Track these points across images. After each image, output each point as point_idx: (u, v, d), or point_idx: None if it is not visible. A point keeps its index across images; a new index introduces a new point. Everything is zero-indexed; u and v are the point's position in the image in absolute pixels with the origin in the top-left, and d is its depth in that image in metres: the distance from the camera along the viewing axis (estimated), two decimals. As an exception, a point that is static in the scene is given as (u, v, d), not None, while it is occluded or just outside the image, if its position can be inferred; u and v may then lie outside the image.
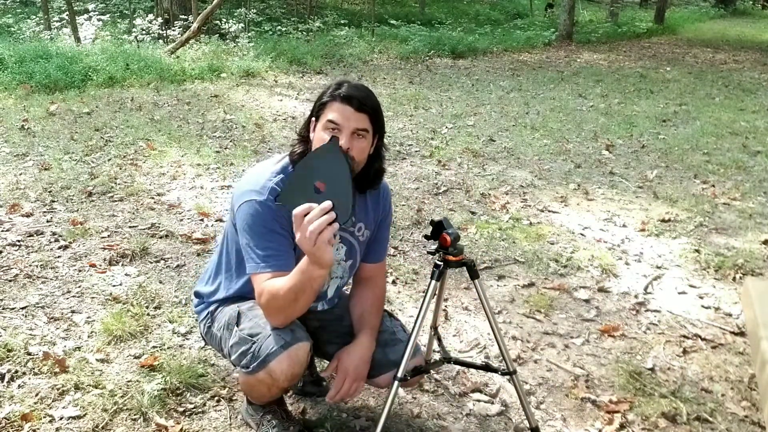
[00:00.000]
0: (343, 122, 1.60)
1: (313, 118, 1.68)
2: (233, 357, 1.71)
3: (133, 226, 3.43)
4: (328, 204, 1.43)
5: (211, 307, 1.86)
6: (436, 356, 2.10)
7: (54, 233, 3.28)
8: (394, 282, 2.91)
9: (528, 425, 1.93)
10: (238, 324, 1.72)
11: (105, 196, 3.87)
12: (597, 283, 2.98)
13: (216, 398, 2.08)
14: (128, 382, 2.12)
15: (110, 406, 2.00)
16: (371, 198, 1.84)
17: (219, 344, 1.81)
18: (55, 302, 2.63)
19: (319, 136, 1.62)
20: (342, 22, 12.81)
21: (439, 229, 1.73)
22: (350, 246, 1.82)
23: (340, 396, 1.76)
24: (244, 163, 4.57)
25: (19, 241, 3.18)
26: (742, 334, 2.59)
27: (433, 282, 1.77)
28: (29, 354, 2.24)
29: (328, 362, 1.90)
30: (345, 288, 1.97)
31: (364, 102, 1.63)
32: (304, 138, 1.71)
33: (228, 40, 9.87)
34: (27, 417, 1.93)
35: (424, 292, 1.79)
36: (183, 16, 10.19)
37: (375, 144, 1.72)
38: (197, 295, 1.94)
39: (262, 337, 1.64)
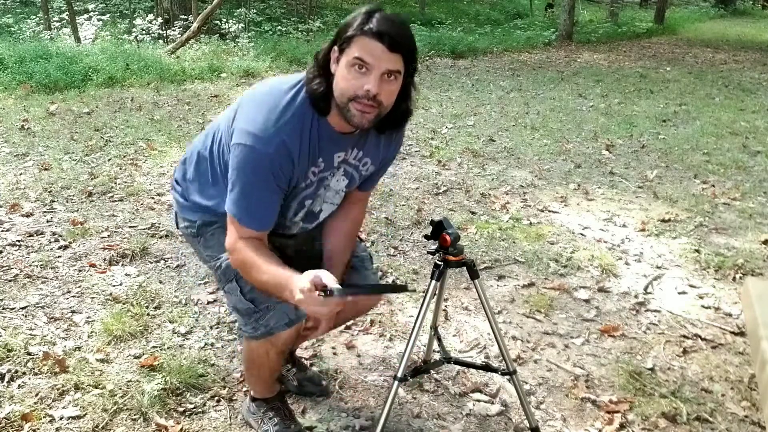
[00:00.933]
0: (373, 62, 1.40)
1: (335, 48, 1.46)
2: (234, 315, 1.74)
3: (133, 226, 3.43)
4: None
5: (197, 218, 1.75)
6: (436, 356, 2.10)
7: (54, 233, 3.28)
8: (394, 282, 2.91)
9: (528, 425, 1.93)
10: (237, 280, 1.65)
11: (105, 196, 3.87)
12: (597, 283, 2.98)
13: (216, 398, 2.08)
14: (128, 382, 2.12)
15: (110, 406, 2.00)
16: (386, 137, 1.68)
17: (202, 259, 1.81)
18: (55, 302, 2.63)
19: (343, 74, 1.43)
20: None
21: (439, 229, 1.73)
22: (351, 178, 1.70)
23: (318, 335, 1.86)
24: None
25: (19, 241, 3.18)
26: (742, 334, 2.59)
27: (433, 282, 1.77)
28: (29, 354, 2.24)
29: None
30: None
31: (399, 40, 1.40)
32: (324, 71, 1.49)
33: (228, 40, 9.87)
34: (27, 417, 1.93)
35: (424, 292, 1.79)
36: (183, 16, 10.19)
37: (404, 83, 1.52)
38: (178, 185, 1.81)
39: (268, 310, 1.63)
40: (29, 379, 2.12)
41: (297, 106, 1.49)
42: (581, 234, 3.56)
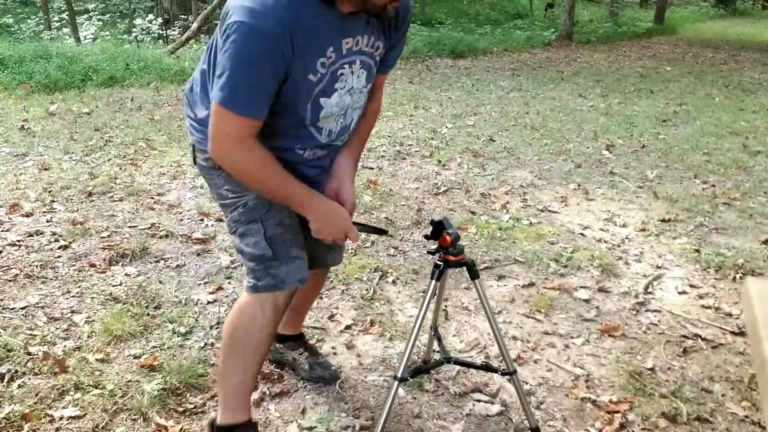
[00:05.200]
0: None
1: None
2: (243, 255, 1.60)
3: (133, 226, 3.43)
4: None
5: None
6: (436, 356, 2.10)
7: (54, 233, 3.28)
8: (394, 282, 2.91)
9: (528, 425, 1.93)
10: (262, 222, 1.56)
11: (105, 196, 3.87)
12: (597, 283, 2.98)
13: (216, 398, 2.08)
14: (128, 382, 2.12)
15: (110, 406, 2.00)
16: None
17: (219, 196, 1.63)
18: (54, 302, 2.63)
19: None
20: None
21: (439, 229, 1.73)
22: (369, 69, 1.55)
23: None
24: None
25: (18, 241, 3.18)
26: (742, 334, 2.58)
27: (433, 282, 1.77)
28: (29, 354, 2.24)
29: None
30: None
31: None
32: None
33: (228, 40, 9.87)
34: (27, 417, 1.93)
35: (424, 292, 1.79)
36: (183, 16, 10.20)
37: None
38: (191, 104, 1.62)
39: (285, 261, 1.57)
40: (29, 379, 2.12)
41: None
42: (581, 234, 3.55)
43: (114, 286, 2.78)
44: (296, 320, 2.20)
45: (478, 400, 2.13)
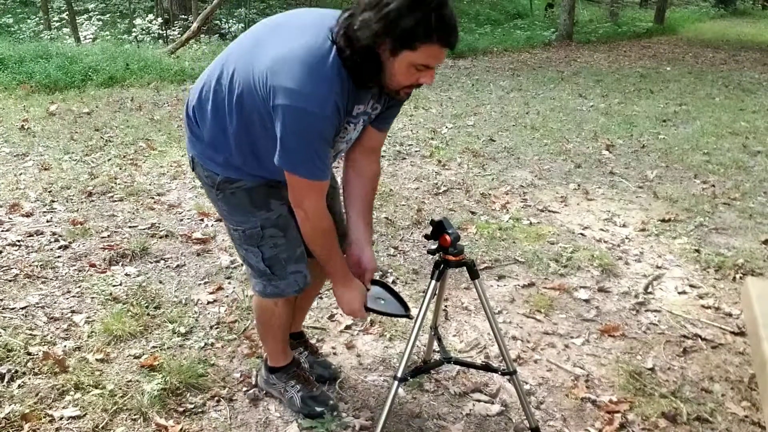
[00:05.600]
0: (436, 63, 1.46)
1: (388, 40, 1.40)
2: (251, 271, 1.82)
3: (133, 226, 3.43)
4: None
5: (219, 171, 1.69)
6: (436, 356, 2.10)
7: (54, 233, 3.28)
8: (394, 282, 2.91)
9: (528, 425, 1.93)
10: (259, 246, 1.75)
11: (105, 196, 3.87)
12: (597, 283, 2.98)
13: (216, 398, 2.08)
14: (128, 382, 2.12)
15: (110, 406, 2.00)
16: None
17: (218, 210, 1.80)
18: (55, 302, 2.63)
19: (402, 71, 1.45)
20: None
21: (439, 229, 1.73)
22: (365, 123, 1.73)
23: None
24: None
25: (19, 241, 3.18)
26: (742, 334, 2.59)
27: (433, 282, 1.77)
28: (29, 354, 2.24)
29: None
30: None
31: (458, 38, 1.45)
32: (370, 54, 1.43)
33: (228, 40, 9.87)
34: (27, 417, 1.93)
35: (424, 292, 1.79)
36: (183, 16, 10.20)
37: None
38: (194, 122, 1.70)
39: (282, 277, 1.78)
40: (29, 379, 2.12)
41: (336, 67, 1.46)
42: (581, 234, 3.55)
43: (114, 286, 2.78)
44: (297, 319, 2.20)
45: (478, 400, 2.13)
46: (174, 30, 9.75)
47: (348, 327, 2.52)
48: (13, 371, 2.14)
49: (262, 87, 1.49)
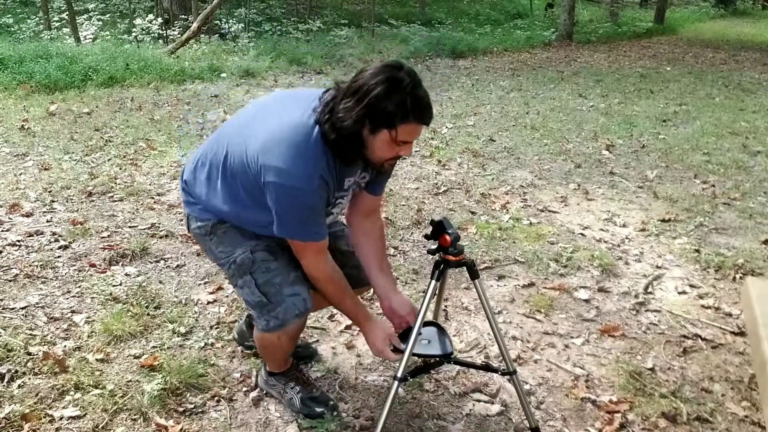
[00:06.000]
0: (414, 138, 1.62)
1: (369, 122, 1.55)
2: (247, 306, 1.85)
3: (133, 226, 3.43)
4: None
5: (211, 218, 1.83)
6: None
7: (54, 233, 3.28)
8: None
9: (528, 425, 1.93)
10: (252, 273, 1.79)
11: (105, 196, 3.87)
12: (597, 283, 2.98)
13: (216, 398, 2.08)
14: (128, 382, 2.12)
15: (110, 406, 2.00)
16: None
17: (214, 257, 1.88)
18: (55, 302, 2.63)
19: (383, 146, 1.59)
20: (342, 21, 12.81)
21: (439, 229, 1.73)
22: (355, 191, 1.88)
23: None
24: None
25: (19, 241, 3.18)
26: (742, 334, 2.58)
27: (433, 282, 1.77)
28: (29, 354, 2.24)
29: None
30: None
31: (432, 115, 1.60)
32: (353, 135, 1.57)
33: (228, 40, 9.88)
34: (27, 417, 1.93)
35: (424, 292, 1.79)
36: (183, 16, 10.20)
37: None
38: (188, 189, 1.87)
39: (278, 303, 1.78)
40: (29, 379, 2.12)
41: (321, 145, 1.61)
42: (581, 234, 3.55)
43: (114, 286, 2.78)
44: None
45: (478, 400, 2.13)
46: (174, 30, 9.74)
47: (348, 327, 2.51)
48: (13, 371, 2.14)
49: (254, 165, 1.64)
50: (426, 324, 1.91)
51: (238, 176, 1.71)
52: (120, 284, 2.79)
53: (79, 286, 2.77)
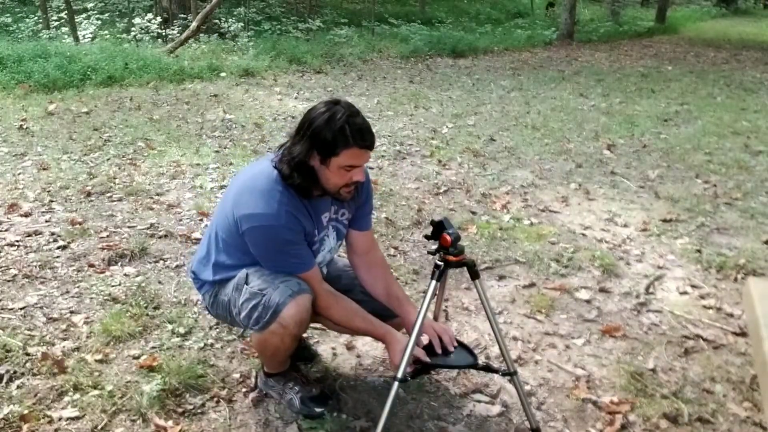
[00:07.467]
0: (360, 163, 1.76)
1: (316, 154, 1.73)
2: (244, 313, 1.82)
3: (132, 226, 3.42)
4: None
5: (217, 278, 1.96)
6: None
7: (53, 233, 3.27)
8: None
9: (529, 426, 1.92)
10: (247, 282, 1.85)
11: (104, 195, 3.86)
12: (598, 284, 2.97)
13: (215, 399, 2.07)
14: (127, 382, 2.11)
15: (109, 407, 1.99)
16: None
17: (227, 307, 1.92)
18: (53, 302, 2.62)
19: (333, 174, 1.75)
20: (342, 21, 12.81)
21: (439, 229, 1.73)
22: (338, 231, 1.99)
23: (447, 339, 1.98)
24: (243, 162, 4.56)
25: (17, 241, 3.17)
26: (743, 334, 2.58)
27: (434, 282, 1.76)
28: (28, 354, 2.23)
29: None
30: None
31: (374, 139, 1.75)
32: (305, 167, 1.75)
33: (227, 39, 9.86)
34: (25, 418, 1.92)
35: (424, 292, 1.78)
36: (182, 15, 10.19)
37: None
38: (197, 277, 2.02)
39: (271, 290, 1.78)
40: (28, 379, 2.11)
41: (281, 184, 1.78)
42: (582, 234, 3.54)
43: (113, 286, 2.77)
44: None
45: (479, 401, 2.12)
46: (173, 29, 9.73)
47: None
48: (11, 372, 2.13)
49: (233, 220, 1.81)
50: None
51: (230, 240, 1.86)
52: (119, 284, 2.78)
53: (78, 287, 2.76)
